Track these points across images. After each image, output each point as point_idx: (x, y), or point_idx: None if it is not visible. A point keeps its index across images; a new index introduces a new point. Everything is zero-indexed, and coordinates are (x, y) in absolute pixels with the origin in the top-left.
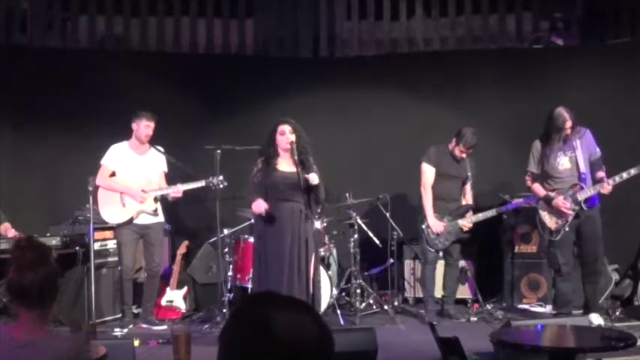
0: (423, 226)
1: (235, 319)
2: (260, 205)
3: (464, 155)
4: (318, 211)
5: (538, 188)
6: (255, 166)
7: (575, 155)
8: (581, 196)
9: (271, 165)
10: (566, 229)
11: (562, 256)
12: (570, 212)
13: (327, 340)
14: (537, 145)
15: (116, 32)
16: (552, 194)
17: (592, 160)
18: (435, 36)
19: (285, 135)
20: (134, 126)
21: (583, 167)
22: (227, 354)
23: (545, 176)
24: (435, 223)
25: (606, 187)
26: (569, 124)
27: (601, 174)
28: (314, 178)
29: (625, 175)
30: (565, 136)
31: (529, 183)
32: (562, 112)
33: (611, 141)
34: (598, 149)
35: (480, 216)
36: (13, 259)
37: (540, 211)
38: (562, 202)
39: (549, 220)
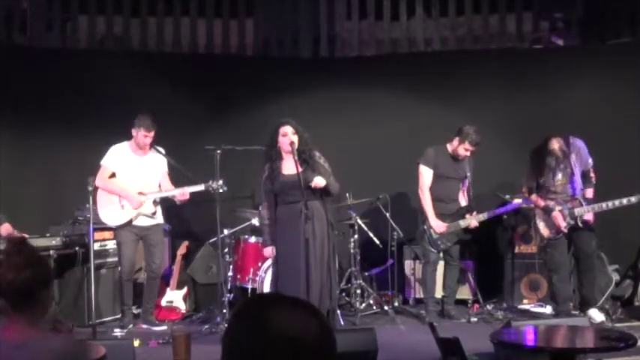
0: (425, 227)
1: (237, 320)
2: (268, 252)
3: (468, 154)
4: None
5: (537, 200)
6: (264, 173)
7: (571, 170)
8: (579, 212)
9: (276, 170)
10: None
11: (559, 254)
12: (564, 229)
13: (329, 341)
14: (530, 161)
15: (116, 32)
16: (551, 204)
17: (583, 170)
18: (436, 36)
19: (287, 136)
20: (133, 132)
21: (578, 181)
22: (229, 355)
23: (541, 188)
24: (437, 224)
25: (604, 209)
26: (559, 154)
27: (589, 194)
28: (318, 182)
29: (625, 201)
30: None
31: (527, 196)
32: (554, 145)
33: (612, 141)
34: (590, 160)
35: (486, 215)
36: (5, 256)
37: (537, 218)
38: (560, 218)
39: (543, 229)
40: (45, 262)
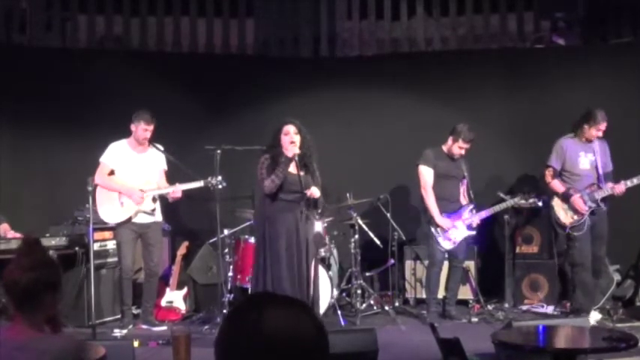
0: (432, 227)
1: (230, 321)
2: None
3: (463, 152)
4: (319, 211)
5: (557, 185)
6: (265, 159)
7: (595, 159)
8: (599, 195)
9: (276, 163)
10: (588, 223)
11: (585, 249)
12: (586, 212)
13: (322, 340)
14: (563, 142)
15: (116, 32)
16: (570, 191)
17: (605, 172)
18: (436, 36)
19: (289, 135)
20: (132, 127)
21: (601, 171)
22: (223, 356)
23: (564, 173)
24: (443, 222)
25: (620, 187)
26: (604, 126)
27: (610, 184)
28: (315, 192)
29: (636, 180)
30: (593, 137)
31: (549, 178)
32: (602, 114)
33: (614, 141)
34: (611, 164)
35: (484, 213)
36: (17, 255)
37: (555, 208)
38: (580, 201)
39: (565, 216)
40: (54, 266)
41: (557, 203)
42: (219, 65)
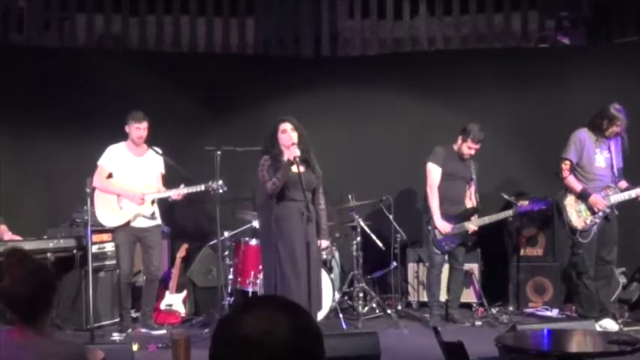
0: (430, 228)
1: (216, 325)
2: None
3: (472, 152)
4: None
5: (574, 182)
6: (265, 161)
7: (611, 157)
8: (615, 199)
9: (278, 163)
10: (595, 230)
11: (589, 258)
12: (604, 212)
13: (304, 342)
14: (580, 134)
15: (115, 31)
16: (588, 190)
17: (617, 168)
18: (439, 35)
19: (287, 133)
20: (127, 129)
21: (616, 170)
22: None
23: (579, 170)
24: (442, 224)
25: None
26: (623, 124)
27: (624, 183)
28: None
29: None
30: (613, 134)
31: (565, 173)
32: (620, 111)
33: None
34: (622, 161)
35: (487, 219)
36: (7, 270)
37: (567, 209)
38: (600, 199)
39: (576, 219)
40: (48, 270)
41: (570, 204)
42: (219, 65)
